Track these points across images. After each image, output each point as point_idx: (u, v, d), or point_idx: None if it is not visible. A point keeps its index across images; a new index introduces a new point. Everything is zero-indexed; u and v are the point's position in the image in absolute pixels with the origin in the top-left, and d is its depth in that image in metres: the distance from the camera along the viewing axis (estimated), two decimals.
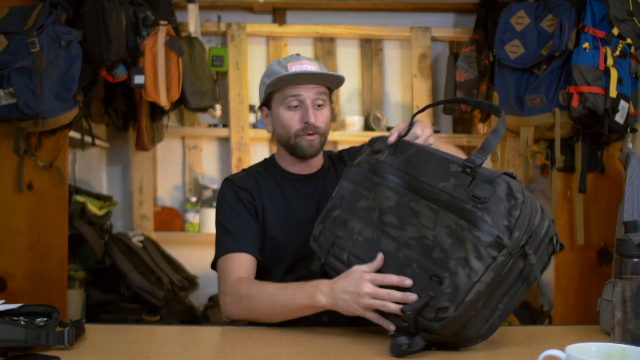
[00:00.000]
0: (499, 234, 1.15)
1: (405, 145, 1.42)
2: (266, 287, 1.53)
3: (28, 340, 1.23)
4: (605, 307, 1.51)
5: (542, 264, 1.24)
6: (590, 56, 2.56)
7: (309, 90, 1.67)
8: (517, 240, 1.15)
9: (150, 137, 3.25)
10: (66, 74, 2.50)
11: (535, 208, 1.20)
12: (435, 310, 1.18)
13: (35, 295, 2.60)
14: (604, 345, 1.03)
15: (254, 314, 1.54)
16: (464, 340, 1.24)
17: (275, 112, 1.74)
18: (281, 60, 1.74)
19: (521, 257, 1.19)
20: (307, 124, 1.67)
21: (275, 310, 1.49)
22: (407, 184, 1.33)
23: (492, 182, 1.20)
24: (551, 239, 1.23)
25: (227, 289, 1.60)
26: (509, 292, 1.23)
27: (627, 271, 1.34)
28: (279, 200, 1.73)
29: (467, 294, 1.16)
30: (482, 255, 1.15)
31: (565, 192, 2.83)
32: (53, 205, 2.66)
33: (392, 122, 3.66)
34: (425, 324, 1.20)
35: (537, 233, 1.20)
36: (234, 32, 3.56)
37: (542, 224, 1.21)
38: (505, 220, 1.16)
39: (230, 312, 1.59)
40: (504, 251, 1.15)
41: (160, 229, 3.57)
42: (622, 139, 2.69)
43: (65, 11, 2.59)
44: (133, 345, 1.37)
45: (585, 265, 2.79)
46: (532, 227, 1.18)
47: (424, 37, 3.59)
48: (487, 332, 1.25)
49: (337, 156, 1.87)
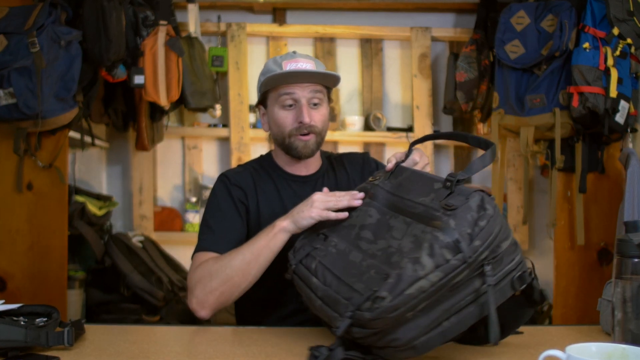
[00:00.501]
0: (459, 237, 1.12)
1: (401, 170, 1.45)
2: (231, 251, 1.56)
3: (28, 340, 1.22)
4: (606, 307, 1.51)
5: (501, 297, 1.17)
6: (591, 56, 2.56)
7: (303, 88, 1.66)
8: (476, 249, 1.11)
9: (150, 137, 3.25)
10: (66, 74, 2.50)
11: (506, 233, 1.16)
12: (372, 300, 1.12)
13: (35, 296, 2.59)
14: (604, 346, 1.03)
15: (229, 280, 1.52)
16: (393, 347, 1.15)
17: (270, 111, 1.73)
18: (277, 58, 1.73)
19: (479, 276, 1.14)
20: (302, 123, 1.66)
21: (246, 260, 1.51)
22: (391, 204, 1.36)
23: (467, 195, 1.18)
24: (520, 277, 1.18)
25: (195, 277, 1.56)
26: (459, 312, 1.15)
27: (627, 271, 1.34)
28: (275, 200, 1.72)
29: (408, 286, 1.10)
30: (435, 254, 1.11)
31: (566, 192, 2.83)
32: (53, 205, 2.65)
33: (392, 122, 3.66)
34: (359, 315, 1.14)
35: (502, 259, 1.16)
36: (234, 32, 3.56)
37: (511, 254, 1.17)
38: (469, 228, 1.12)
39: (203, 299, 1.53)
40: (459, 255, 1.10)
41: (160, 229, 3.57)
42: (622, 139, 2.69)
43: (65, 11, 2.59)
44: (133, 345, 1.36)
45: (586, 265, 2.79)
46: (495, 246, 1.14)
47: (424, 37, 3.59)
48: (422, 347, 1.15)
49: (336, 159, 1.86)
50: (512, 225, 3.44)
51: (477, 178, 3.70)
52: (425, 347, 1.15)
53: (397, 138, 3.55)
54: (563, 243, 2.82)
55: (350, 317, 1.15)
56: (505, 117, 2.82)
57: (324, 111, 1.70)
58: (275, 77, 1.65)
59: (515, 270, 1.17)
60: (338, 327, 1.16)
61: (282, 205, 1.71)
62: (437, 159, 3.65)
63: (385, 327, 1.13)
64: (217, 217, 1.68)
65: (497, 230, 1.13)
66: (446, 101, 3.41)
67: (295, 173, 1.77)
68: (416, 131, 3.50)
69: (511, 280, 1.17)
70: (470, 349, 1.31)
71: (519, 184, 3.49)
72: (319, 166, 1.81)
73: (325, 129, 1.73)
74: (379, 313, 1.10)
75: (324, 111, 1.71)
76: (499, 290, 1.16)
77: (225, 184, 1.73)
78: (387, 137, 3.55)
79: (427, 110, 3.53)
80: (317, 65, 1.70)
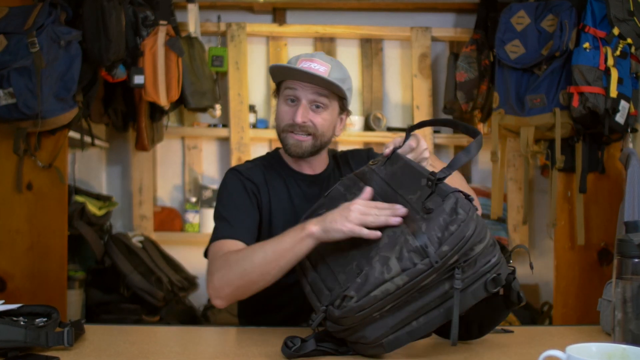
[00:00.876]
0: (427, 242, 1.13)
1: (396, 159, 1.46)
2: (255, 245, 1.50)
3: (27, 340, 1.22)
4: (606, 308, 1.51)
5: (472, 299, 1.17)
6: (591, 56, 2.55)
7: (305, 89, 1.64)
8: (443, 254, 1.11)
9: (150, 137, 3.24)
10: (66, 74, 2.49)
11: (480, 235, 1.14)
12: (342, 298, 1.17)
13: (34, 296, 2.59)
14: (604, 346, 1.03)
15: (246, 275, 1.44)
16: (363, 344, 1.19)
17: (278, 102, 1.72)
18: (302, 55, 1.70)
19: (448, 279, 1.15)
20: (294, 121, 1.65)
21: (267, 259, 1.42)
22: (384, 193, 1.37)
23: (444, 196, 1.18)
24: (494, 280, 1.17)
25: (216, 265, 1.51)
26: (428, 313, 1.18)
27: (627, 271, 1.34)
28: (284, 198, 1.72)
29: (373, 288, 1.13)
30: (403, 258, 1.13)
31: (566, 193, 2.83)
32: (52, 205, 2.65)
33: (392, 122, 3.66)
34: (330, 311, 1.19)
35: (475, 261, 1.15)
36: (234, 32, 3.56)
37: (486, 256, 1.16)
38: (439, 232, 1.13)
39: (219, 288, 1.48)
40: (425, 260, 1.12)
41: (160, 229, 3.57)
42: (622, 139, 2.69)
43: (65, 11, 2.58)
44: (133, 345, 1.36)
45: (586, 265, 2.79)
46: (468, 249, 1.13)
47: (424, 37, 3.58)
48: (390, 345, 1.18)
49: (341, 157, 1.85)
50: (512, 226, 3.44)
51: (477, 178, 3.70)
52: (393, 345, 1.19)
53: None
54: (563, 243, 2.82)
55: (323, 312, 1.20)
56: (505, 117, 2.81)
57: (326, 116, 1.67)
58: (282, 71, 1.65)
59: (490, 273, 1.17)
60: (313, 319, 1.21)
61: (291, 204, 1.71)
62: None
63: (353, 325, 1.17)
64: (230, 209, 1.65)
65: (469, 234, 1.12)
66: (446, 101, 3.41)
67: (303, 172, 1.76)
68: (416, 131, 3.49)
69: (485, 282, 1.16)
70: (469, 349, 1.31)
71: (519, 184, 3.48)
72: (325, 166, 1.80)
73: (327, 134, 1.70)
74: (345, 312, 1.15)
75: (326, 116, 1.67)
76: (470, 292, 1.17)
77: (237, 177, 1.71)
78: (387, 137, 3.54)
79: (427, 111, 3.52)
80: (332, 71, 1.65)
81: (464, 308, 1.17)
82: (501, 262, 1.18)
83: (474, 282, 1.16)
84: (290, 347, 1.21)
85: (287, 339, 1.24)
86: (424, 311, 1.18)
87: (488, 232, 1.17)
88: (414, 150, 1.50)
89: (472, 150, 1.23)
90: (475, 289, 1.17)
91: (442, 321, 1.18)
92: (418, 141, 1.52)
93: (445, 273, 1.14)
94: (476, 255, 1.14)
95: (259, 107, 3.66)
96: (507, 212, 3.46)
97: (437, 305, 1.17)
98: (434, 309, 1.18)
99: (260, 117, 3.64)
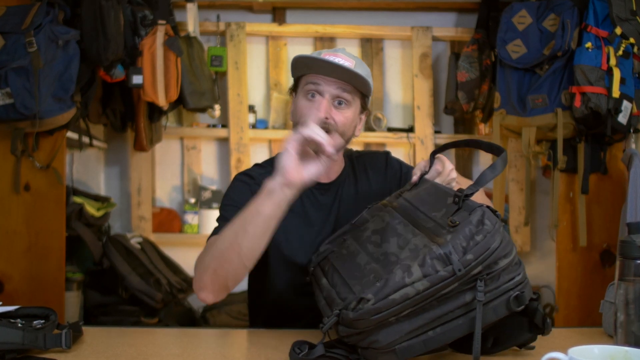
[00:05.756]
0: (452, 250, 1.11)
1: (423, 182, 1.45)
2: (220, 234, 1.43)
3: (25, 342, 1.22)
4: (608, 309, 1.50)
5: (493, 315, 1.15)
6: (593, 56, 2.55)
7: (329, 83, 1.55)
8: (467, 262, 1.10)
9: (149, 138, 3.23)
10: (64, 73, 2.49)
11: (506, 250, 1.13)
12: (357, 301, 1.14)
13: (32, 297, 2.59)
14: (606, 348, 1.02)
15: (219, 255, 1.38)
16: (374, 349, 1.16)
17: (296, 98, 1.64)
18: (324, 50, 1.64)
19: (470, 290, 1.13)
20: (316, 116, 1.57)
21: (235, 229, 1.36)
22: (405, 211, 1.36)
23: (471, 210, 1.17)
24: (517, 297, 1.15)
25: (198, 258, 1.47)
26: (445, 324, 1.15)
27: (630, 273, 1.32)
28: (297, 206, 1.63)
29: (393, 291, 1.11)
30: (426, 264, 1.11)
31: (568, 193, 2.82)
32: (50, 206, 2.64)
33: (392, 122, 3.65)
34: (344, 314, 1.16)
35: (499, 276, 1.14)
36: (233, 31, 3.55)
37: (510, 273, 1.15)
38: (464, 242, 1.12)
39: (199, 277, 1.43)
40: (448, 267, 1.10)
41: (159, 231, 3.56)
42: (625, 140, 2.69)
43: (63, 10, 2.58)
44: (131, 347, 1.36)
45: (588, 267, 2.78)
46: (492, 262, 1.12)
47: (425, 37, 3.57)
48: (403, 352, 1.15)
49: (358, 159, 1.79)
50: (514, 227, 3.43)
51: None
52: (406, 352, 1.15)
53: (398, 138, 3.53)
54: (565, 244, 2.81)
55: (337, 315, 1.17)
56: (506, 118, 2.81)
57: (348, 114, 1.59)
58: (306, 63, 1.56)
59: (513, 290, 1.15)
60: (324, 323, 1.18)
61: (303, 212, 1.67)
62: None
63: (367, 328, 1.14)
64: (231, 209, 1.58)
65: (494, 246, 1.11)
66: (447, 101, 3.40)
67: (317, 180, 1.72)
68: (417, 131, 3.49)
69: (507, 299, 1.14)
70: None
71: (520, 185, 3.47)
72: (340, 170, 1.73)
73: (347, 134, 1.62)
74: (361, 314, 1.13)
75: (349, 114, 1.59)
76: (491, 308, 1.14)
77: (245, 181, 1.66)
78: (387, 137, 3.53)
79: (428, 111, 3.51)
80: (356, 67, 1.57)
81: (485, 323, 1.15)
82: (526, 282, 1.17)
83: (496, 298, 1.14)
84: (299, 352, 1.20)
85: (295, 344, 1.22)
86: (442, 321, 1.15)
87: (514, 250, 1.16)
88: (441, 173, 1.45)
89: (498, 167, 1.22)
90: (497, 305, 1.15)
91: (460, 333, 1.16)
92: (443, 163, 1.47)
93: (467, 284, 1.13)
94: (500, 269, 1.13)
95: (259, 107, 3.65)
96: (508, 213, 3.45)
97: (457, 317, 1.15)
98: (453, 320, 1.15)
99: (260, 118, 3.63)
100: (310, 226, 1.66)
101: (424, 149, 3.46)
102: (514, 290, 1.15)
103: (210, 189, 3.53)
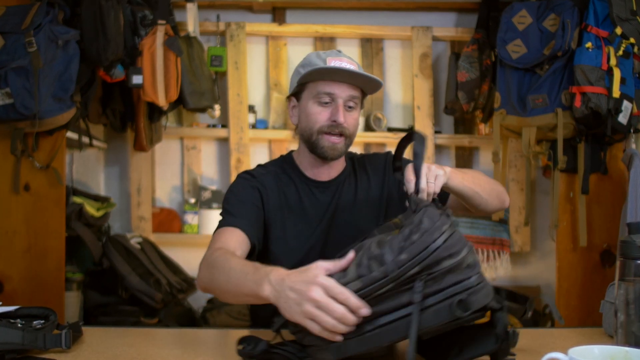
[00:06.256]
0: (388, 250, 1.08)
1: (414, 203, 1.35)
2: (231, 259, 1.38)
3: (25, 343, 1.22)
4: (608, 310, 1.50)
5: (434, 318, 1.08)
6: (593, 56, 2.54)
7: (342, 90, 1.61)
8: (401, 262, 1.06)
9: (149, 138, 3.23)
10: (63, 73, 2.48)
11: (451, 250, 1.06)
12: None
13: (32, 298, 2.59)
14: (606, 348, 1.02)
15: (214, 284, 1.39)
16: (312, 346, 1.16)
17: (304, 104, 1.67)
18: (320, 53, 1.67)
19: (409, 291, 1.08)
20: (335, 122, 1.61)
21: (228, 286, 1.33)
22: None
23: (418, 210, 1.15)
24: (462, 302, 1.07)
25: (205, 256, 1.48)
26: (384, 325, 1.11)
27: (630, 273, 1.33)
28: (297, 205, 1.70)
29: None
30: (362, 265, 1.10)
31: (568, 193, 2.81)
32: (50, 206, 2.64)
33: (392, 122, 3.64)
34: None
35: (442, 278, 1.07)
36: (233, 31, 3.55)
37: (457, 275, 1.07)
38: (402, 242, 1.08)
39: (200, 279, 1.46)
40: (382, 268, 1.07)
41: (159, 231, 3.55)
42: (625, 140, 2.68)
43: (63, 10, 2.58)
44: (131, 348, 1.36)
45: (588, 267, 2.77)
46: (433, 262, 1.06)
47: (425, 37, 3.57)
48: (337, 350, 1.13)
49: (359, 160, 1.82)
50: (514, 227, 3.43)
51: None
52: (340, 352, 1.13)
53: (398, 139, 3.49)
54: (565, 244, 2.81)
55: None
56: (507, 118, 2.80)
57: (356, 116, 1.67)
58: (320, 71, 1.59)
59: (460, 294, 1.07)
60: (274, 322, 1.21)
61: (303, 211, 1.70)
62: (438, 160, 3.62)
63: (304, 328, 1.14)
64: (234, 203, 1.64)
65: (434, 246, 1.06)
66: (447, 101, 3.40)
67: (316, 178, 1.73)
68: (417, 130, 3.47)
69: (451, 303, 1.07)
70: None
71: (520, 185, 3.47)
72: (341, 169, 1.77)
73: (355, 134, 1.69)
74: None
75: (356, 116, 1.68)
76: (433, 311, 1.08)
77: (247, 179, 1.70)
78: (387, 137, 3.53)
79: (428, 111, 3.51)
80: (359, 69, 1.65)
81: (425, 327, 1.08)
82: (478, 287, 1.08)
83: (439, 302, 1.08)
84: (245, 347, 1.22)
85: (241, 339, 1.25)
86: (380, 322, 1.11)
87: (467, 251, 1.08)
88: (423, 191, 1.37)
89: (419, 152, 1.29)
90: (440, 308, 1.08)
91: (398, 336, 1.10)
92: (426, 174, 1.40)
93: (403, 284, 1.08)
94: (443, 270, 1.07)
95: (259, 107, 3.65)
96: (508, 213, 3.45)
97: (396, 319, 1.10)
98: (392, 322, 1.11)
99: (260, 118, 3.62)
100: (307, 223, 1.69)
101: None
102: (461, 294, 1.07)
103: (210, 189, 3.53)
